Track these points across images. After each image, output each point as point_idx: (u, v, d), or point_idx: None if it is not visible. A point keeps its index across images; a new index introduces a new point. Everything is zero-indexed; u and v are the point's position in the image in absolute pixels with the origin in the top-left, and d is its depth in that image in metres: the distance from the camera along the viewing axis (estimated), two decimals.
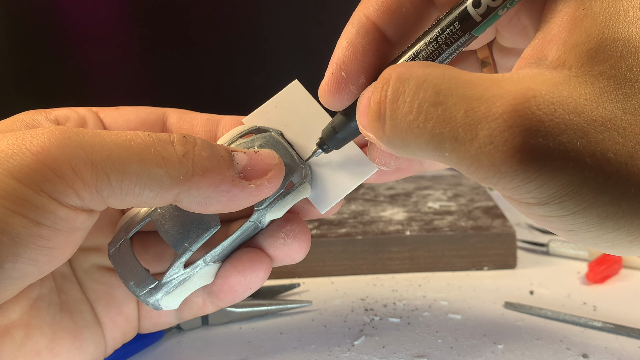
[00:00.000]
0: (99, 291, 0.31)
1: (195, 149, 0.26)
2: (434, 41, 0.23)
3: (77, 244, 0.26)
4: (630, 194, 0.19)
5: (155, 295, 0.29)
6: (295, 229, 0.31)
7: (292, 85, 0.32)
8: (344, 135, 0.27)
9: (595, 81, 0.20)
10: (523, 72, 0.21)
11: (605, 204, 0.19)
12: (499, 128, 0.19)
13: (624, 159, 0.19)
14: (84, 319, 0.29)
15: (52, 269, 0.25)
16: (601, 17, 0.20)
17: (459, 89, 0.20)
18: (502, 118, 0.19)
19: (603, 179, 0.19)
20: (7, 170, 0.22)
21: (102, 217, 0.31)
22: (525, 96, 0.19)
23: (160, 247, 0.32)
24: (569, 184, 0.19)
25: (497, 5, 0.22)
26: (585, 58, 0.20)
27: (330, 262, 0.45)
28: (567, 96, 0.19)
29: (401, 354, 0.35)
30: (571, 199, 0.19)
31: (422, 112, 0.20)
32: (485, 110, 0.19)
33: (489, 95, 0.19)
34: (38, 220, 0.23)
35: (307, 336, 0.37)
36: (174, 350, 0.36)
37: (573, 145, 0.19)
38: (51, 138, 0.23)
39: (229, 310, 0.38)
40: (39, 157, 0.23)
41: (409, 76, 0.21)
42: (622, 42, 0.20)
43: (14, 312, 0.26)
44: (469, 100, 0.20)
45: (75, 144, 0.24)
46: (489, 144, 0.19)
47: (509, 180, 0.19)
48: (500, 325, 0.37)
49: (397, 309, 0.40)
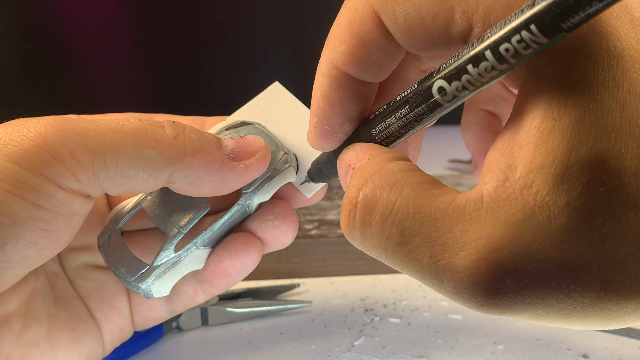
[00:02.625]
0: (90, 288, 0.31)
1: (185, 132, 0.27)
2: (403, 117, 0.23)
3: (74, 230, 0.26)
4: (607, 314, 0.19)
5: (146, 280, 0.29)
6: (283, 211, 0.32)
7: (274, 86, 0.33)
8: (328, 173, 0.29)
9: (561, 215, 0.18)
10: (488, 195, 0.19)
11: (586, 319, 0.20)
12: (462, 283, 0.19)
13: (594, 291, 0.19)
14: (78, 313, 0.30)
15: (50, 255, 0.26)
16: (569, 132, 0.18)
17: (422, 228, 0.20)
18: (464, 274, 0.19)
19: (571, 310, 0.19)
20: (6, 155, 0.23)
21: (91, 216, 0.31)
22: (487, 250, 0.19)
23: (149, 243, 0.33)
24: (540, 316, 0.20)
25: (462, 95, 0.21)
26: (551, 184, 0.18)
27: (330, 262, 0.45)
28: (531, 241, 0.18)
29: (401, 354, 0.35)
30: (546, 318, 0.20)
31: (390, 248, 0.21)
32: (449, 261, 0.19)
33: (451, 243, 0.19)
34: (38, 203, 0.24)
35: (307, 336, 0.37)
36: (173, 350, 0.36)
37: (537, 294, 0.19)
38: (47, 125, 0.24)
39: (229, 310, 0.38)
40: (36, 142, 0.24)
41: (375, 204, 0.21)
42: (590, 165, 0.18)
43: (11, 303, 0.27)
44: (433, 245, 0.20)
45: (70, 129, 0.25)
46: (455, 293, 0.20)
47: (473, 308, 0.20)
48: (500, 326, 0.37)
49: (397, 309, 0.40)
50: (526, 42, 0.18)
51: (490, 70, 0.19)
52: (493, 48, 0.18)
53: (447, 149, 0.70)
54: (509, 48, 0.18)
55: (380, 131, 0.24)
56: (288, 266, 0.45)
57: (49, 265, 0.30)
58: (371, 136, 0.24)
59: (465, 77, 0.20)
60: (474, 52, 0.19)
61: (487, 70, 0.19)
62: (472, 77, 0.20)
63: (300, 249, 0.44)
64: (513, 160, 0.19)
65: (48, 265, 0.30)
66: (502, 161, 0.19)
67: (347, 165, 0.24)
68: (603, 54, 0.19)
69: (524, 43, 0.18)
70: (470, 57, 0.19)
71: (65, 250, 0.31)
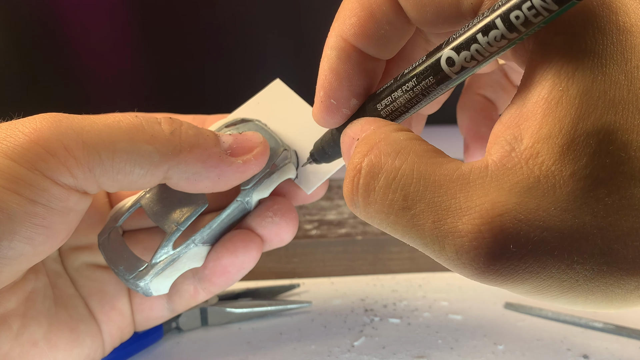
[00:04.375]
0: (91, 287, 0.31)
1: (182, 127, 0.27)
2: (410, 90, 0.23)
3: (71, 227, 0.26)
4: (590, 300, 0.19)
5: (144, 278, 0.29)
6: (283, 208, 0.32)
7: (275, 84, 0.33)
8: (332, 153, 0.28)
9: (566, 184, 0.18)
10: (493, 165, 0.20)
11: (570, 302, 0.20)
12: (464, 247, 0.19)
13: (597, 264, 0.19)
14: (78, 313, 0.30)
15: (47, 252, 0.26)
16: (577, 102, 0.18)
17: (427, 193, 0.20)
18: (467, 237, 0.19)
19: (573, 283, 0.19)
20: (1, 150, 0.23)
21: (92, 215, 0.31)
22: (491, 214, 0.19)
23: (151, 242, 0.33)
24: (541, 288, 0.19)
25: (470, 67, 0.21)
26: (557, 154, 0.18)
27: (330, 262, 0.45)
28: (536, 208, 0.18)
29: (401, 355, 0.35)
30: (547, 292, 0.20)
31: (392, 214, 0.21)
32: (452, 225, 0.19)
33: (455, 207, 0.19)
34: (33, 198, 0.24)
35: (307, 336, 0.37)
36: (173, 351, 0.36)
37: (539, 262, 0.19)
38: (42, 121, 0.25)
39: (228, 310, 0.38)
40: (32, 137, 0.24)
41: (379, 169, 0.21)
42: (597, 136, 0.18)
43: (9, 302, 0.27)
44: (436, 210, 0.20)
45: (66, 125, 0.25)
46: (456, 259, 0.19)
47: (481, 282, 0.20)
48: (500, 326, 0.37)
49: (397, 309, 0.40)
50: (537, 8, 0.18)
51: (500, 39, 0.19)
52: (503, 16, 0.19)
53: (447, 149, 0.70)
54: (519, 15, 0.19)
55: (386, 105, 0.24)
56: (288, 266, 0.45)
57: (50, 265, 0.30)
58: (377, 111, 0.25)
59: (474, 47, 0.20)
60: (485, 21, 0.20)
61: (497, 39, 0.19)
62: (481, 46, 0.20)
63: (300, 249, 0.44)
64: (519, 132, 0.19)
65: (49, 264, 0.30)
66: (508, 133, 0.20)
67: (352, 138, 0.24)
68: (612, 28, 0.19)
69: (534, 10, 0.18)
70: (480, 26, 0.20)
71: (67, 249, 0.31)
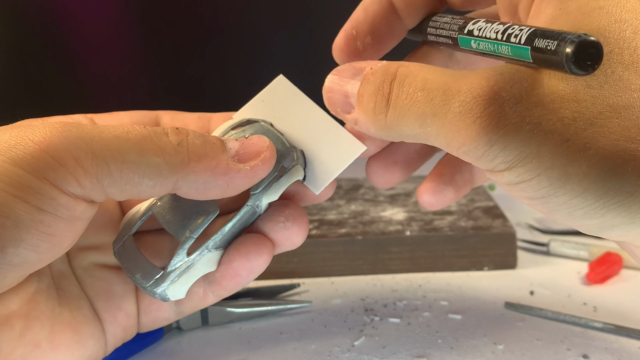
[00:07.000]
0: (98, 287, 0.31)
1: (189, 138, 0.27)
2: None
3: (76, 234, 0.26)
4: (589, 154, 0.21)
5: (161, 285, 0.29)
6: (294, 212, 0.32)
7: (278, 80, 0.33)
8: None
9: None
10: None
11: (565, 165, 0.21)
12: (467, 99, 0.22)
13: (583, 125, 0.21)
14: (83, 314, 0.30)
15: (51, 259, 0.26)
16: (575, 14, 0.22)
17: (442, 77, 0.24)
18: (469, 91, 0.22)
19: (560, 141, 0.21)
20: (10, 158, 0.23)
21: (101, 215, 0.31)
22: (490, 73, 0.22)
23: (159, 244, 0.33)
24: (527, 145, 0.21)
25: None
26: None
27: (330, 262, 0.45)
28: (530, 74, 0.22)
29: (401, 354, 0.35)
30: (532, 160, 0.21)
31: (414, 99, 0.24)
32: (458, 87, 0.23)
33: (461, 75, 0.23)
34: (40, 207, 0.24)
35: (307, 336, 0.37)
36: (173, 350, 0.36)
37: (529, 112, 0.21)
38: (52, 130, 0.25)
39: (228, 310, 0.38)
40: (41, 146, 0.24)
41: (408, 73, 0.25)
42: (592, 33, 0.21)
43: (12, 303, 0.27)
44: (447, 83, 0.23)
45: (75, 135, 0.25)
46: (459, 113, 0.22)
47: (475, 146, 0.22)
48: (500, 326, 0.37)
49: (397, 309, 0.40)
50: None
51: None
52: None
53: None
54: None
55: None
56: (288, 266, 0.45)
57: (56, 265, 0.30)
58: (431, 22, 0.29)
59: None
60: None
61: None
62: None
63: (300, 249, 0.44)
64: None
65: (54, 265, 0.30)
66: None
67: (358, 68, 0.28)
68: None
69: None
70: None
71: (76, 249, 0.31)
